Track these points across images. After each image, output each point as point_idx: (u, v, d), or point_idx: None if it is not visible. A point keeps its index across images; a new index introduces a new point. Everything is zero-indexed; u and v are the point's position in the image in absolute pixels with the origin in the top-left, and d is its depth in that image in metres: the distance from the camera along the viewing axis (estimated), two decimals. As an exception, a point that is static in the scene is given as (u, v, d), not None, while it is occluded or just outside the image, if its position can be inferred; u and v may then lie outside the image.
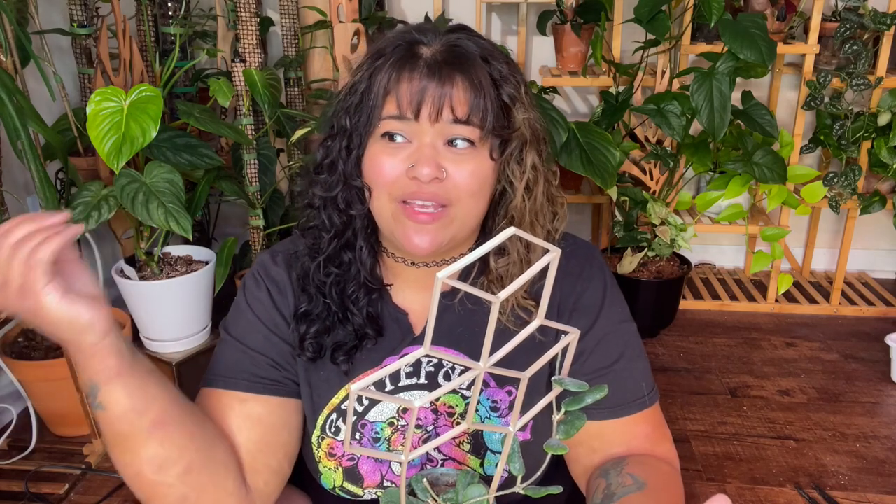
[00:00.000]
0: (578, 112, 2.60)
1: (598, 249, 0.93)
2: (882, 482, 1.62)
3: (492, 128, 0.76)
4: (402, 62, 0.76)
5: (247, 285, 0.89)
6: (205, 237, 2.30)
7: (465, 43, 0.78)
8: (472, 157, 0.76)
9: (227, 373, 0.84)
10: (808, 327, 2.33)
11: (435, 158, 0.74)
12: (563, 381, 0.48)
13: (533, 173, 0.80)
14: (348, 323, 0.83)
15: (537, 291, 0.85)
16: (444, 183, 0.75)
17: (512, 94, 0.78)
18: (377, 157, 0.77)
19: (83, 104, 1.80)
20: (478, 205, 0.78)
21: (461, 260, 0.35)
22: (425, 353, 0.36)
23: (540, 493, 0.53)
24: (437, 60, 0.75)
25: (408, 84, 0.74)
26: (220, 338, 0.89)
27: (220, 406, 0.82)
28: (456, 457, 0.85)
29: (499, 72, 0.78)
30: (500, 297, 0.35)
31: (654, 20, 1.90)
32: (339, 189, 0.81)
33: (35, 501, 1.53)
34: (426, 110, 0.74)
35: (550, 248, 0.36)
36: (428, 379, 0.86)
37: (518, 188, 0.79)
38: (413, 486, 0.61)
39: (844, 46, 2.07)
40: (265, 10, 2.38)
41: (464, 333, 0.85)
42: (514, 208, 0.80)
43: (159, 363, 1.79)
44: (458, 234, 0.79)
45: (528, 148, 0.79)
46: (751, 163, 2.07)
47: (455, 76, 0.74)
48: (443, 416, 0.85)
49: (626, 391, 0.83)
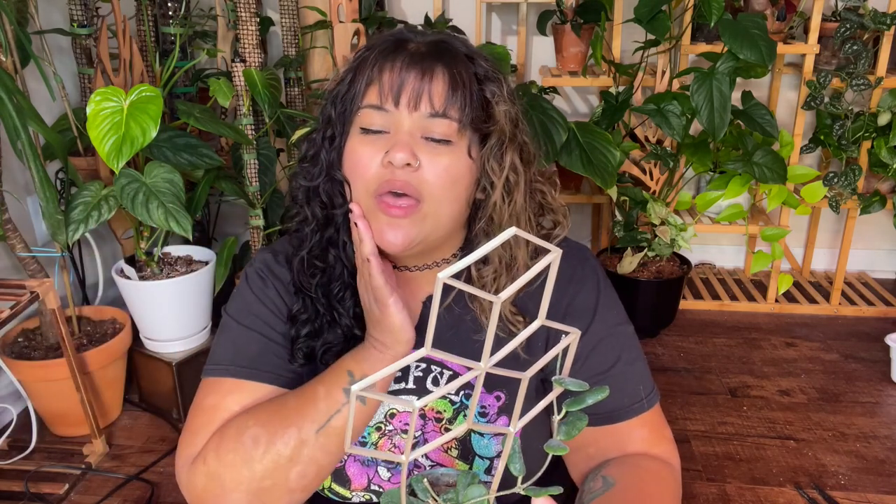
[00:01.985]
0: (578, 112, 2.60)
1: (591, 251, 0.92)
2: (882, 482, 1.62)
3: (469, 121, 0.75)
4: (386, 53, 0.77)
5: (251, 280, 0.88)
6: (205, 237, 2.30)
7: (452, 41, 0.79)
8: (448, 152, 0.76)
9: (237, 362, 0.82)
10: (808, 327, 2.33)
11: (410, 146, 0.74)
12: (563, 381, 0.48)
13: (514, 175, 0.79)
14: (336, 325, 0.83)
15: (524, 302, 0.84)
16: (417, 173, 0.74)
17: (494, 91, 0.78)
18: (355, 149, 0.77)
19: (83, 104, 1.80)
20: (451, 204, 0.77)
21: (462, 261, 0.35)
22: (426, 353, 0.36)
23: (540, 493, 0.53)
24: (421, 52, 0.76)
25: (390, 73, 0.75)
26: (223, 325, 0.87)
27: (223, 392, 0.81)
28: (444, 462, 0.84)
29: (483, 69, 0.78)
30: (501, 297, 0.35)
31: (654, 20, 1.90)
32: (321, 180, 0.81)
33: (35, 501, 1.53)
34: (405, 97, 0.74)
35: (551, 248, 0.36)
36: (416, 384, 0.85)
37: (497, 185, 0.78)
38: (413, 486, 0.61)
39: (844, 46, 2.07)
40: (265, 10, 2.38)
41: (452, 338, 0.84)
42: (492, 207, 0.79)
43: (159, 363, 1.80)
44: (431, 234, 0.78)
45: (508, 146, 0.78)
46: (751, 163, 2.07)
47: (436, 67, 0.75)
48: (431, 421, 0.85)
49: (624, 396, 0.82)
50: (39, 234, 1.89)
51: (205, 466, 0.76)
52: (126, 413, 1.87)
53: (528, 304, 0.84)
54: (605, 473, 0.76)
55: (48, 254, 1.71)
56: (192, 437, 0.79)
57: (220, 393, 0.81)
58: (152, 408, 1.88)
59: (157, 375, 1.82)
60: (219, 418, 0.79)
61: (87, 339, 1.75)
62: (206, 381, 0.83)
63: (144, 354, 1.82)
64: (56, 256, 1.75)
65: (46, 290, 1.54)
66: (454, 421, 0.84)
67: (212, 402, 0.81)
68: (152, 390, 1.86)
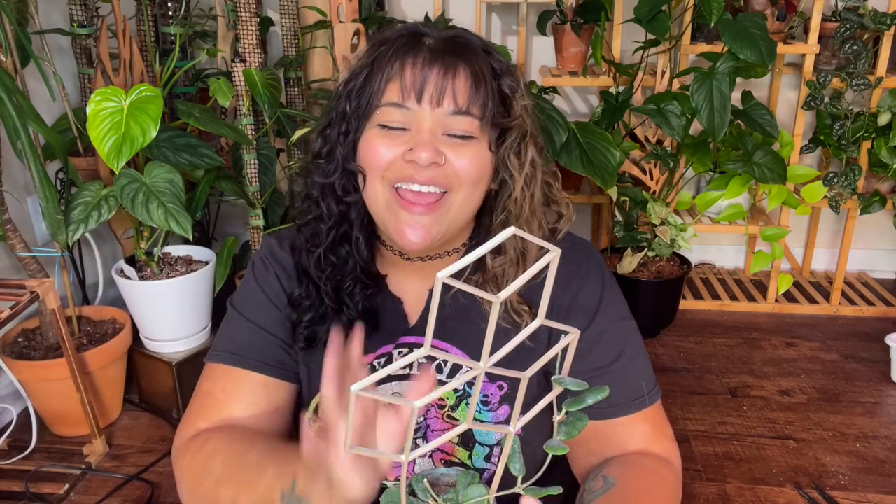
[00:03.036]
0: (578, 112, 2.60)
1: (594, 247, 0.93)
2: (882, 482, 1.62)
3: (491, 117, 0.76)
4: (405, 49, 0.76)
5: (255, 266, 0.90)
6: (205, 237, 2.30)
7: (468, 35, 0.80)
8: (471, 145, 0.76)
9: (233, 349, 0.85)
10: (808, 327, 2.33)
11: (433, 144, 0.74)
12: (563, 381, 0.48)
13: (532, 169, 0.80)
14: (342, 315, 0.84)
15: (530, 293, 0.85)
16: (444, 168, 0.74)
17: (512, 86, 0.78)
18: (373, 141, 0.77)
19: (83, 104, 1.80)
20: (474, 195, 0.78)
21: (462, 259, 0.35)
22: (426, 353, 0.36)
23: (540, 493, 0.53)
24: (441, 48, 0.76)
25: (411, 70, 0.75)
26: (227, 314, 0.89)
27: (215, 378, 0.85)
28: (444, 448, 0.85)
29: (500, 63, 0.79)
30: (500, 296, 0.35)
31: (654, 20, 1.90)
32: (337, 176, 0.81)
33: (35, 501, 1.53)
34: (428, 94, 0.74)
35: (550, 247, 0.36)
36: (420, 370, 0.86)
37: (518, 180, 0.79)
38: (413, 486, 0.61)
39: (844, 46, 2.07)
40: (265, 10, 2.38)
41: (457, 328, 0.85)
42: (512, 202, 0.80)
43: (159, 363, 1.80)
44: (451, 227, 0.78)
45: (527, 141, 0.80)
46: (751, 163, 2.07)
47: (458, 64, 0.75)
48: (433, 407, 0.86)
49: (626, 390, 0.82)
50: (39, 234, 1.89)
51: (181, 461, 0.80)
52: (126, 413, 1.87)
53: (534, 295, 0.85)
54: (606, 473, 0.76)
55: (48, 254, 1.71)
56: (188, 419, 0.84)
57: (213, 379, 0.85)
58: (152, 408, 1.88)
59: (157, 375, 1.82)
60: (209, 405, 0.83)
61: (87, 339, 1.75)
62: (206, 366, 0.88)
63: (144, 354, 1.82)
64: (56, 256, 1.75)
65: (46, 290, 1.54)
66: (456, 409, 0.85)
67: (206, 387, 0.86)
68: (152, 390, 1.86)
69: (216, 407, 0.83)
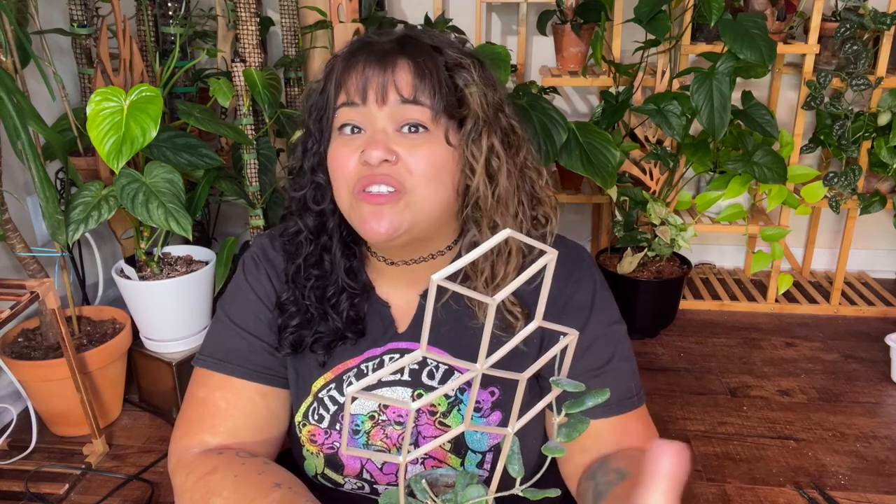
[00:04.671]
0: (578, 112, 2.60)
1: (587, 250, 0.93)
2: (882, 482, 1.62)
3: (442, 107, 0.76)
4: (350, 54, 0.78)
5: (246, 266, 0.90)
6: (205, 237, 2.30)
7: (418, 34, 0.80)
8: (425, 140, 0.76)
9: (224, 357, 0.86)
10: (808, 327, 2.33)
11: (385, 142, 0.74)
12: (560, 383, 0.48)
13: (496, 160, 0.79)
14: (328, 321, 0.85)
15: (523, 296, 0.85)
16: (397, 166, 0.75)
17: (466, 78, 0.78)
18: (336, 151, 0.78)
19: (83, 104, 1.80)
20: (436, 192, 0.77)
21: (456, 263, 0.35)
22: (422, 356, 0.36)
23: (538, 495, 0.53)
24: (385, 49, 0.77)
25: (356, 73, 0.76)
26: (216, 316, 0.90)
27: (212, 386, 0.85)
28: (436, 455, 0.85)
29: (452, 58, 0.78)
30: (496, 299, 0.35)
31: (654, 20, 1.90)
32: (308, 189, 0.83)
33: (35, 501, 1.53)
34: (372, 93, 0.75)
35: (548, 249, 0.36)
36: (411, 376, 0.86)
37: (477, 170, 0.78)
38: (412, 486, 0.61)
39: (844, 46, 2.07)
40: (265, 10, 2.38)
41: (449, 333, 0.85)
42: (475, 192, 0.79)
43: (159, 363, 1.80)
44: (418, 222, 0.78)
45: (485, 129, 0.79)
46: (751, 163, 2.07)
47: (399, 60, 0.76)
48: (424, 413, 0.85)
49: (619, 390, 0.83)
50: (39, 234, 1.89)
51: (183, 478, 0.79)
52: (126, 413, 1.87)
53: (526, 299, 0.85)
54: (617, 466, 0.76)
55: (48, 254, 1.71)
56: (187, 427, 0.84)
57: (210, 387, 0.85)
58: (152, 408, 1.88)
59: (156, 375, 1.82)
60: (211, 414, 0.83)
61: (87, 339, 1.75)
62: (195, 371, 0.88)
63: (144, 354, 1.82)
64: (56, 256, 1.75)
65: (46, 290, 1.54)
66: (448, 415, 0.85)
67: (202, 394, 0.85)
68: (152, 390, 1.86)
69: (219, 416, 0.83)
